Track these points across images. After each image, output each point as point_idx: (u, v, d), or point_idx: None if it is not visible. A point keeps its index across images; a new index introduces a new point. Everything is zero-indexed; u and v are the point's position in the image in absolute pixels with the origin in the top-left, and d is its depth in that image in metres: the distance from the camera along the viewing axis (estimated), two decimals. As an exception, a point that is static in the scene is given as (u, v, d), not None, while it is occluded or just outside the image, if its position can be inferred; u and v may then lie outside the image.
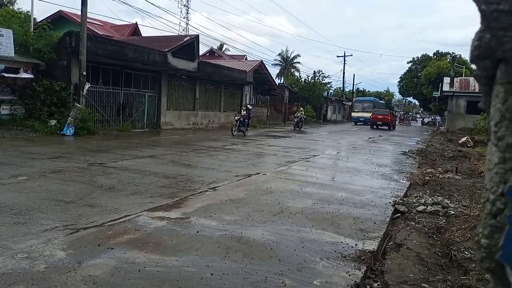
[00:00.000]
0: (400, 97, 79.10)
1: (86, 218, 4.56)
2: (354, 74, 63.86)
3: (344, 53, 52.06)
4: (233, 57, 36.94)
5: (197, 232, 4.23)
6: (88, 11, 15.23)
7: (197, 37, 22.41)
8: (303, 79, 44.74)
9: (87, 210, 4.89)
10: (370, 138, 21.43)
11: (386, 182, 8.01)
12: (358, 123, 40.36)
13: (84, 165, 8.02)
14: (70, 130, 13.76)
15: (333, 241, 4.19)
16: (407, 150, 14.97)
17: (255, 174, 8.13)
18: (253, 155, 11.63)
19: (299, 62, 59.82)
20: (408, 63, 53.84)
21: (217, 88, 25.50)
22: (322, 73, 59.42)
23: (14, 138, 12.15)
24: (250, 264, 3.47)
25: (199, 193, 6.17)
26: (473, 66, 0.80)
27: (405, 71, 54.31)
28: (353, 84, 57.76)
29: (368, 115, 37.97)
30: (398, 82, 56.58)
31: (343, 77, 52.96)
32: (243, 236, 4.16)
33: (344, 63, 51.83)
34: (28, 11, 18.01)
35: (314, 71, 53.50)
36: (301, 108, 29.08)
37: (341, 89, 57.95)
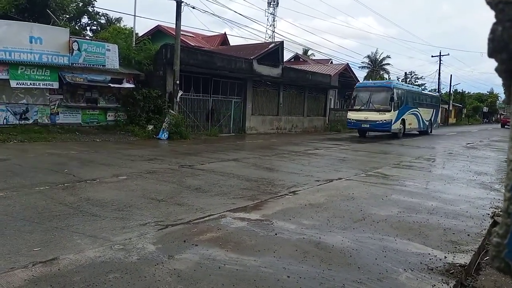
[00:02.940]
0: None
1: (175, 215, 4.91)
2: (451, 75, 58.76)
3: (440, 53, 48.26)
4: (318, 61, 36.66)
5: (276, 234, 4.28)
6: (182, 24, 16.41)
7: (281, 43, 22.71)
8: (392, 82, 42.53)
9: (175, 208, 5.26)
10: (468, 143, 19.57)
11: (485, 192, 7.24)
12: (360, 131, 21.35)
13: (175, 167, 8.62)
14: (164, 135, 14.91)
15: (419, 252, 3.92)
16: (513, 157, 13.32)
17: (337, 179, 7.96)
18: (336, 160, 11.38)
19: (388, 64, 57.09)
20: (516, 60, 47.84)
21: (300, 93, 25.54)
22: (415, 75, 55.91)
23: (117, 141, 13.55)
24: (328, 269, 3.41)
25: (279, 196, 6.24)
26: None
27: (512, 69, 48.32)
28: (450, 85, 53.27)
29: (380, 116, 19.52)
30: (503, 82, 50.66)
31: (439, 78, 49.11)
32: (321, 241, 4.11)
33: (440, 63, 48.08)
34: (131, 27, 20.00)
35: (405, 73, 50.66)
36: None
37: (437, 91, 53.89)
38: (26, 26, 13.83)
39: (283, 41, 23.09)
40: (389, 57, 57.51)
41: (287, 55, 35.05)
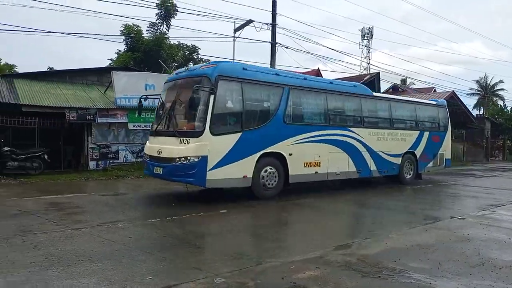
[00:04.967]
0: None
1: (272, 251, 4.92)
2: None
3: None
4: (419, 90, 34.65)
5: (379, 276, 4.00)
6: (276, 63, 17.10)
7: (377, 74, 22.19)
8: (509, 108, 38.08)
9: (273, 244, 5.29)
10: None
11: None
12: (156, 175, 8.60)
13: (272, 202, 8.66)
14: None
15: (559, 308, 3.30)
16: None
17: (448, 218, 7.22)
18: (446, 196, 10.39)
19: (502, 89, 51.34)
20: None
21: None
22: (537, 100, 49.15)
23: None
24: (441, 320, 3.05)
25: (381, 235, 5.86)
26: None
27: None
28: None
29: (179, 149, 7.77)
30: None
31: None
32: None
33: None
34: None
35: (525, 98, 44.94)
36: None
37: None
38: (142, 76, 15.77)
39: (379, 72, 22.58)
40: (502, 82, 51.62)
41: (384, 86, 33.92)
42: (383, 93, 26.10)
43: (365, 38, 44.70)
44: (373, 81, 21.64)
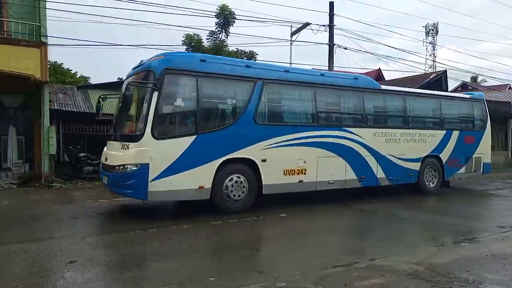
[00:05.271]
0: None
1: (335, 256, 4.84)
2: None
3: None
4: (491, 88, 32.15)
5: (451, 287, 3.76)
6: (334, 65, 16.83)
7: (444, 72, 20.93)
8: None
9: (336, 249, 5.21)
10: None
11: None
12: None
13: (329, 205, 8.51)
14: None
15: None
16: None
17: (528, 226, 6.60)
18: (526, 202, 9.49)
19: None
20: None
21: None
22: None
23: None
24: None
25: (453, 243, 5.52)
26: None
27: None
28: None
29: (122, 156, 6.80)
30: None
31: None
32: (512, 302, 3.42)
33: None
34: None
35: None
36: None
37: None
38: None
39: (445, 70, 21.27)
40: None
41: (453, 84, 31.98)
42: (452, 91, 24.55)
43: (430, 34, 42.54)
44: (439, 79, 20.42)
